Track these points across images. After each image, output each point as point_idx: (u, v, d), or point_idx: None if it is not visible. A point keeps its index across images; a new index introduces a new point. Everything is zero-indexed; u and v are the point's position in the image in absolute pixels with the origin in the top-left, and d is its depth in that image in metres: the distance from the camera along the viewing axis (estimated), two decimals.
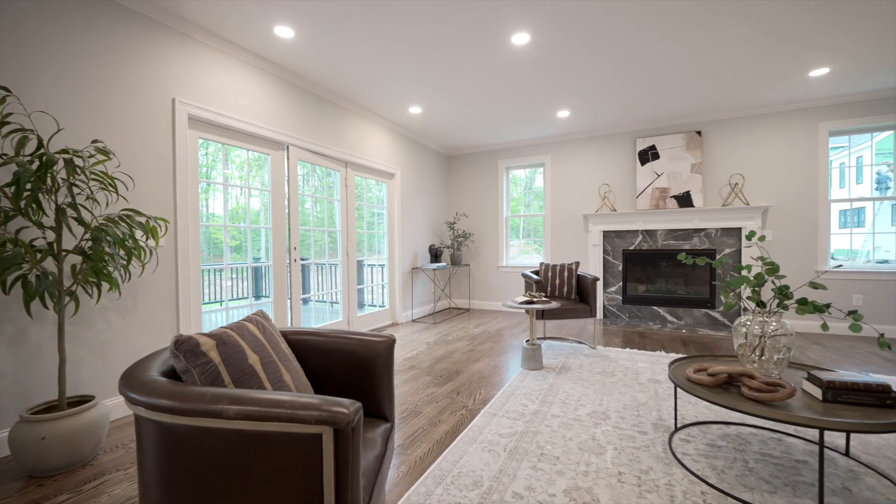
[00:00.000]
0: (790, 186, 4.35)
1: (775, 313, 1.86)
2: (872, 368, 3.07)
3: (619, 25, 2.77)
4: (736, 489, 1.60)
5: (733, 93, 3.98)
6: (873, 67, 3.44)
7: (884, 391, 1.51)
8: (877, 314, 4.06)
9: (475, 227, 6.20)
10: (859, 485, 1.62)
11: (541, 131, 5.28)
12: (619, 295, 5.10)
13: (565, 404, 2.45)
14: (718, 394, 1.67)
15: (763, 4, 2.54)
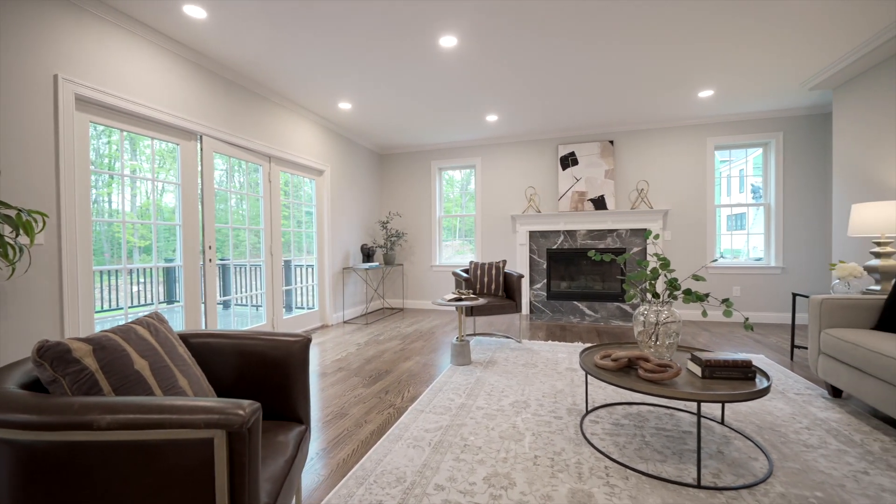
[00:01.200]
0: (685, 192, 4.94)
1: (667, 303, 2.10)
2: (746, 348, 3.59)
3: (539, 40, 2.95)
4: (634, 461, 1.77)
5: (640, 108, 4.42)
6: (747, 92, 4.02)
7: (746, 366, 1.77)
8: (752, 303, 4.76)
9: (408, 226, 6.20)
10: (730, 447, 1.88)
11: (472, 134, 5.43)
12: (543, 291, 5.40)
13: (490, 396, 2.55)
14: (620, 377, 1.85)
15: (659, 33, 2.85)
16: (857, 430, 2.03)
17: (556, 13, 2.65)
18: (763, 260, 4.82)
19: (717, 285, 4.86)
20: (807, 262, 4.57)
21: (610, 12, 2.64)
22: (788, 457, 1.80)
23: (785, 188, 4.64)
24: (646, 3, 2.54)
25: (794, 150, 4.60)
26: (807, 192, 4.58)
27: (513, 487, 1.60)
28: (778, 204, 4.66)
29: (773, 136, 4.63)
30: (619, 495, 1.54)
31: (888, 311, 2.28)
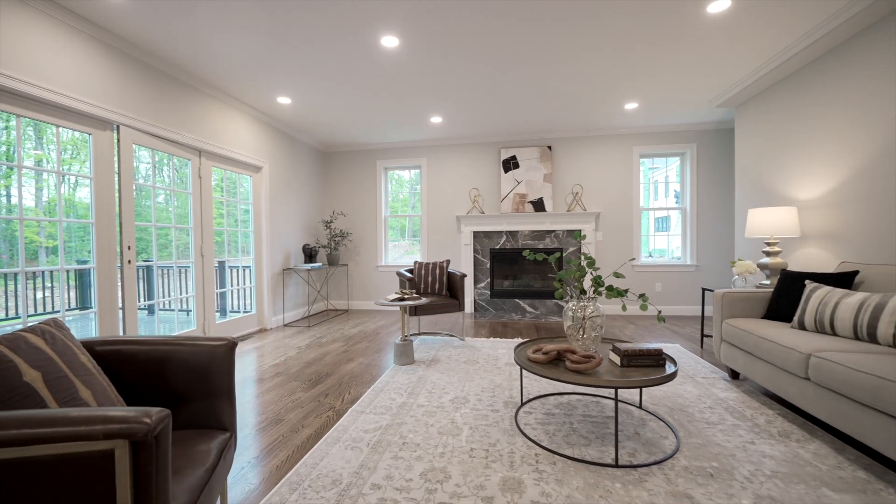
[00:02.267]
0: (615, 196, 5.32)
1: (592, 299, 2.26)
2: (665, 339, 3.95)
3: (479, 51, 3.04)
4: (562, 447, 1.90)
5: (575, 116, 4.70)
6: (666, 107, 4.43)
7: (657, 354, 1.96)
8: (672, 297, 5.24)
9: (353, 226, 6.09)
10: (645, 429, 2.08)
11: (417, 135, 5.45)
12: (487, 290, 5.56)
13: (431, 394, 2.59)
14: (549, 369, 1.97)
15: (588, 52, 3.06)
16: (749, 407, 2.32)
17: (490, 29, 2.75)
18: (681, 259, 5.32)
19: (642, 282, 5.29)
20: (716, 260, 5.12)
21: (537, 34, 2.79)
22: (693, 433, 2.02)
23: (698, 194, 5.17)
24: (570, 28, 2.72)
25: (706, 160, 5.14)
26: (716, 197, 5.13)
27: (448, 480, 1.65)
28: (692, 208, 5.18)
29: (688, 147, 5.14)
30: (546, 480, 1.65)
31: (774, 303, 2.63)
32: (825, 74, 3.00)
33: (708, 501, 1.49)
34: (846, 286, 2.38)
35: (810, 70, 3.15)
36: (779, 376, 2.19)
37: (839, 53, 2.88)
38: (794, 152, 3.33)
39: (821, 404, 1.90)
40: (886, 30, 2.52)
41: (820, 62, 3.05)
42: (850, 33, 2.74)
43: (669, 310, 5.23)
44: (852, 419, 1.73)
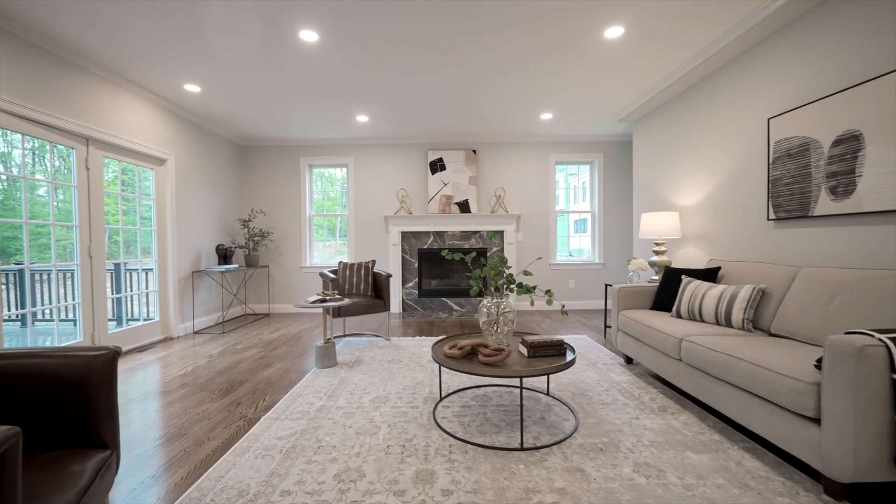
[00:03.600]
0: (534, 199, 5.69)
1: (505, 295, 2.42)
2: (575, 330, 4.32)
3: (400, 55, 3.07)
4: (474, 437, 2.01)
5: (497, 123, 4.94)
6: (577, 119, 4.83)
7: (559, 344, 2.16)
8: (584, 293, 5.73)
9: (275, 225, 5.78)
10: (550, 413, 2.27)
11: (344, 133, 5.34)
12: (415, 290, 5.62)
13: (352, 395, 2.57)
14: (463, 363, 2.07)
15: (507, 61, 3.24)
16: (638, 388, 2.64)
17: (413, 34, 2.80)
18: (590, 258, 5.84)
19: (557, 280, 5.71)
20: (619, 258, 5.71)
21: (459, 44, 2.91)
22: (590, 414, 2.25)
23: (605, 199, 5.72)
24: (488, 43, 2.87)
25: (611, 169, 5.70)
26: (619, 202, 5.71)
27: (362, 479, 1.66)
28: (600, 211, 5.72)
29: (597, 156, 5.66)
30: (457, 468, 1.73)
31: (659, 295, 3.01)
32: (703, 98, 3.51)
33: (596, 473, 1.69)
34: (712, 280, 2.82)
35: (692, 93, 3.65)
36: (660, 359, 2.52)
37: (714, 78, 3.38)
38: (678, 164, 3.84)
39: (690, 381, 2.23)
40: (750, 61, 3.01)
41: (698, 86, 3.56)
42: (722, 62, 3.23)
43: (581, 304, 5.71)
44: (711, 392, 2.06)
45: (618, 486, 1.59)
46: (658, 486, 1.58)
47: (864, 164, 2.12)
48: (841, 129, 2.24)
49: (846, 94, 2.21)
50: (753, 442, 1.92)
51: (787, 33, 2.62)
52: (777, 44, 2.70)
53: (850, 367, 1.36)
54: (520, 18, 2.70)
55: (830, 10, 2.33)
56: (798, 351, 1.85)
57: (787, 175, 2.58)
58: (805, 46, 2.49)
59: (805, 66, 2.50)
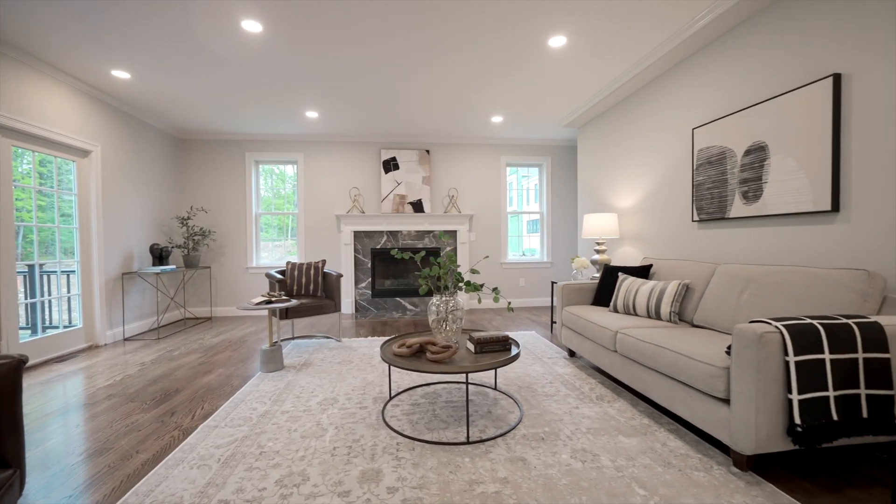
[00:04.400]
0: (486, 200, 5.82)
1: (453, 294, 2.46)
2: (524, 327, 4.47)
3: (354, 47, 3.03)
4: (422, 433, 2.03)
5: (450, 124, 4.99)
6: (526, 123, 5.01)
7: (505, 340, 2.23)
8: (534, 290, 5.94)
9: (218, 223, 5.47)
10: (497, 407, 2.34)
11: (293, 128, 5.16)
12: (368, 290, 5.55)
13: (298, 399, 2.50)
14: (411, 361, 2.08)
15: (458, 64, 3.29)
16: (579, 379, 2.79)
17: (363, 30, 2.78)
18: (539, 257, 6.07)
19: (509, 278, 5.88)
20: (565, 257, 5.98)
21: (410, 45, 2.92)
22: (534, 405, 2.35)
23: (552, 200, 5.97)
24: (438, 47, 2.91)
25: (558, 172, 5.96)
26: (565, 203, 5.99)
27: (306, 482, 1.63)
28: (548, 212, 5.96)
29: (545, 159, 5.90)
30: (404, 465, 1.75)
31: (598, 291, 3.20)
32: (638, 107, 3.76)
33: (537, 461, 1.77)
34: (644, 276, 3.03)
35: (629, 102, 3.91)
36: (599, 351, 2.68)
37: (648, 89, 3.63)
38: (617, 169, 4.10)
39: (624, 371, 2.39)
40: (677, 75, 3.27)
41: (635, 96, 3.81)
42: (654, 75, 3.48)
43: (531, 301, 5.92)
44: (642, 380, 2.22)
45: (556, 472, 1.68)
46: (592, 470, 1.69)
47: (769, 172, 2.38)
48: (751, 140, 2.50)
49: (755, 109, 2.47)
50: (678, 424, 2.10)
51: (706, 52, 2.89)
52: (699, 61, 2.96)
53: (753, 352, 1.53)
54: (468, 24, 2.76)
55: (741, 35, 2.59)
56: (714, 340, 2.04)
57: (708, 181, 2.84)
58: (721, 65, 2.76)
59: (722, 82, 2.77)
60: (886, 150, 1.86)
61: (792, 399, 1.50)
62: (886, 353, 1.55)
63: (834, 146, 2.04)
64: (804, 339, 1.52)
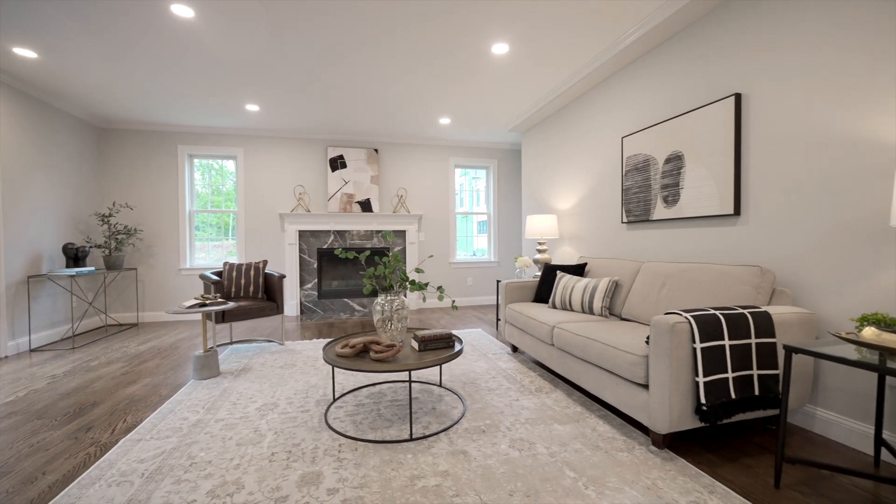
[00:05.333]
0: (435, 200, 5.87)
1: (398, 293, 2.47)
2: (472, 324, 4.58)
3: (297, 38, 2.94)
4: (366, 433, 2.02)
5: (398, 124, 4.99)
6: (473, 126, 5.12)
7: (448, 337, 2.29)
8: (482, 289, 6.09)
9: (145, 221, 5.05)
10: (441, 403, 2.39)
11: (232, 121, 4.89)
12: (315, 291, 5.40)
13: (235, 405, 2.39)
14: (354, 361, 2.07)
15: (406, 66, 3.30)
16: (520, 373, 2.91)
17: (305, 22, 2.71)
18: (487, 256, 6.24)
19: (457, 277, 5.98)
20: (511, 256, 6.19)
21: (356, 45, 2.89)
22: (477, 400, 2.42)
23: (499, 202, 6.16)
24: (385, 49, 2.91)
25: (504, 174, 6.15)
26: (511, 205, 6.20)
27: (240, 491, 1.57)
28: (495, 213, 6.14)
29: (492, 161, 6.07)
30: (345, 466, 1.73)
31: (539, 289, 3.36)
32: (576, 114, 3.99)
33: (477, 452, 1.83)
34: (580, 274, 3.23)
35: (568, 109, 4.13)
36: (538, 346, 2.82)
37: (585, 98, 3.86)
38: (558, 172, 4.32)
39: (560, 363, 2.54)
40: (610, 86, 3.51)
41: (573, 104, 4.04)
42: (591, 85, 3.71)
43: (478, 300, 6.07)
44: (575, 371, 2.37)
45: (495, 461, 1.75)
46: (528, 457, 1.78)
47: (685, 179, 2.64)
48: (670, 149, 2.75)
49: (674, 121, 2.73)
50: (607, 410, 2.27)
51: (634, 67, 3.14)
52: (629, 74, 3.21)
53: (666, 340, 1.70)
54: (415, 29, 2.78)
55: (663, 53, 2.85)
56: (637, 331, 2.23)
57: (635, 185, 3.09)
58: (647, 79, 3.01)
59: (647, 96, 3.02)
60: (775, 162, 2.14)
61: (699, 381, 1.69)
62: (773, 337, 1.78)
63: (736, 158, 2.31)
64: (708, 328, 1.71)
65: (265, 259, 4.03)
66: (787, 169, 2.08)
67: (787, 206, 2.09)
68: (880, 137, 1.73)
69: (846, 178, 1.85)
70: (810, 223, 1.98)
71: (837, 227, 1.88)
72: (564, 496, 1.51)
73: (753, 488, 1.56)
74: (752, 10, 2.25)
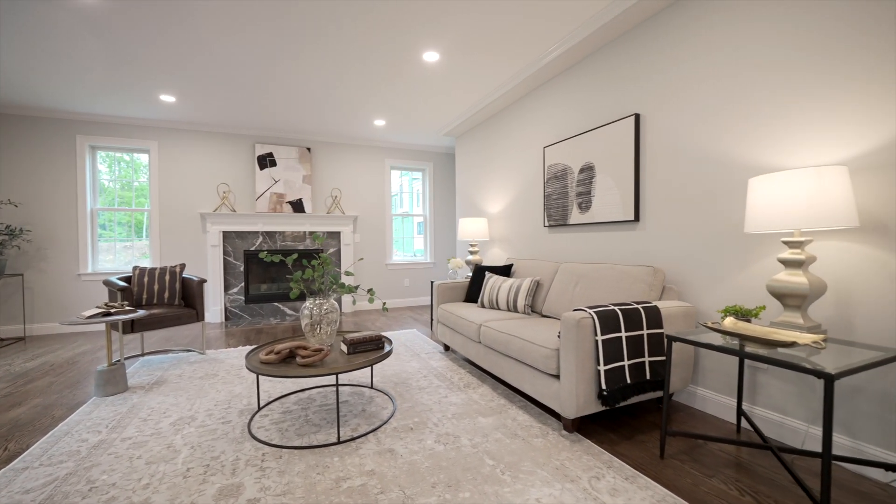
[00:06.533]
0: (371, 202, 5.84)
1: (328, 297, 2.46)
2: (407, 325, 4.63)
3: (216, 24, 2.78)
4: (292, 440, 1.99)
5: (332, 123, 4.89)
6: (408, 129, 5.18)
7: (378, 339, 2.32)
8: (418, 290, 6.16)
9: (35, 220, 4.44)
10: (372, 404, 2.41)
11: (143, 112, 4.47)
12: (241, 295, 5.11)
13: (145, 422, 2.22)
14: (279, 367, 2.03)
15: (341, 68, 3.27)
16: (451, 371, 3.02)
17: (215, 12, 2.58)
18: (424, 257, 6.33)
19: (394, 279, 6.00)
20: (446, 257, 6.34)
21: (288, 45, 2.81)
22: (407, 399, 2.48)
23: (435, 204, 6.28)
24: (319, 51, 2.86)
25: (440, 177, 6.29)
26: (446, 207, 6.35)
27: None
28: (431, 215, 6.25)
29: (427, 164, 6.17)
30: (268, 475, 1.70)
31: (469, 289, 3.50)
32: (506, 123, 4.21)
33: (404, 450, 1.89)
34: (507, 275, 3.43)
35: (498, 118, 4.34)
36: (467, 344, 2.95)
37: (514, 108, 4.09)
38: (488, 177, 4.52)
39: (487, 359, 2.68)
40: (536, 98, 3.75)
41: (503, 113, 4.25)
42: (518, 96, 3.94)
43: (415, 301, 6.14)
44: (500, 366, 2.52)
45: (420, 457, 1.83)
46: (452, 450, 1.88)
47: (596, 188, 2.93)
48: (584, 160, 3.03)
49: (587, 134, 3.01)
50: (527, 401, 2.44)
51: (556, 82, 3.40)
52: (551, 88, 3.47)
53: (573, 334, 1.89)
54: (346, 30, 2.78)
55: (580, 71, 3.13)
56: (554, 327, 2.44)
57: (555, 192, 3.34)
58: (565, 95, 3.28)
59: (565, 110, 3.29)
60: (665, 175, 2.45)
61: (600, 370, 1.90)
62: (662, 328, 2.06)
63: (636, 171, 2.61)
64: (608, 322, 1.93)
65: (183, 263, 3.74)
66: (674, 182, 2.40)
67: (674, 214, 2.41)
68: (736, 158, 2.07)
69: (717, 191, 2.18)
70: (692, 229, 2.31)
71: (711, 233, 2.21)
72: (483, 483, 1.63)
73: (643, 460, 1.79)
74: (650, 41, 2.56)
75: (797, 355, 1.41)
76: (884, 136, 1.58)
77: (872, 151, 1.61)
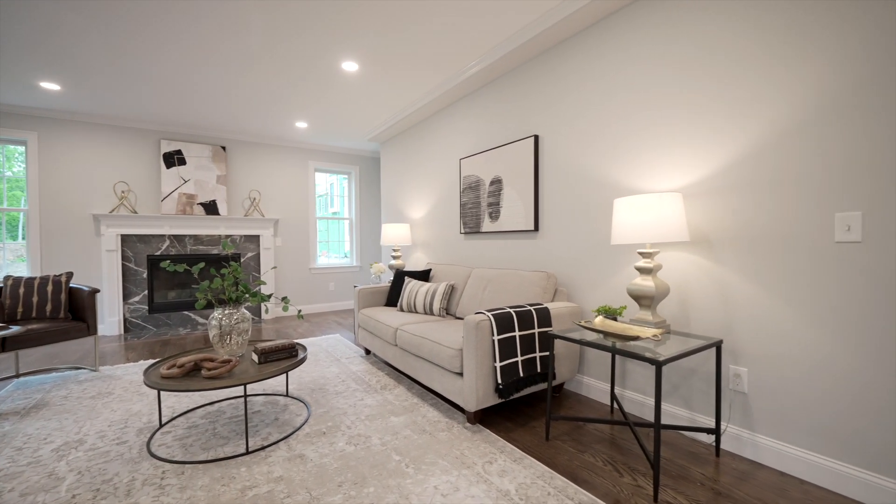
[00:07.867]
0: (294, 205, 5.69)
1: (238, 306, 2.42)
2: (331, 330, 4.61)
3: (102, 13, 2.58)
4: (196, 455, 1.95)
5: (249, 122, 4.69)
6: (332, 132, 5.14)
7: (291, 347, 2.34)
8: (344, 294, 6.12)
9: None
10: (286, 412, 2.42)
11: (19, 99, 3.93)
12: (144, 304, 4.70)
13: (20, 451, 2.02)
14: (183, 381, 1.98)
15: (263, 71, 3.18)
16: (370, 374, 3.11)
17: None
18: (349, 261, 6.31)
19: (318, 283, 5.90)
20: (372, 261, 6.38)
21: (202, 41, 2.70)
22: (323, 405, 2.53)
23: (361, 207, 6.28)
24: (244, 53, 2.78)
25: (365, 181, 6.31)
26: (372, 212, 6.39)
27: None
28: (356, 219, 6.24)
29: (353, 168, 6.16)
30: (168, 493, 1.67)
31: (390, 294, 3.61)
32: (427, 133, 4.37)
33: (315, 454, 1.96)
34: (425, 279, 3.60)
35: (420, 127, 4.50)
36: (385, 347, 3.06)
37: (434, 119, 4.26)
38: (411, 183, 4.66)
39: (403, 361, 2.82)
40: (453, 112, 3.95)
41: (424, 123, 4.41)
42: (437, 109, 4.12)
43: (340, 305, 6.09)
44: (413, 367, 2.67)
45: (330, 460, 1.91)
46: (363, 450, 1.99)
47: (503, 199, 3.20)
48: (494, 173, 3.30)
49: (496, 150, 3.27)
50: (438, 399, 2.62)
51: (471, 98, 3.64)
52: (467, 103, 3.70)
53: (473, 335, 2.10)
54: (259, 29, 2.73)
55: (493, 90, 3.39)
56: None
57: (470, 202, 3.58)
58: (480, 110, 3.53)
59: (478, 125, 3.54)
60: (557, 190, 2.78)
61: (496, 366, 2.13)
62: (551, 327, 2.35)
63: (535, 185, 2.92)
64: (503, 323, 2.17)
65: (70, 271, 3.38)
66: (564, 196, 2.74)
67: (565, 225, 2.74)
68: (607, 180, 2.44)
69: (595, 206, 2.54)
70: (578, 239, 2.66)
71: (591, 242, 2.57)
72: (388, 477, 1.76)
73: (532, 443, 2.05)
74: (549, 70, 2.87)
75: (644, 346, 1.73)
76: (705, 170, 1.99)
77: (700, 181, 2.02)
